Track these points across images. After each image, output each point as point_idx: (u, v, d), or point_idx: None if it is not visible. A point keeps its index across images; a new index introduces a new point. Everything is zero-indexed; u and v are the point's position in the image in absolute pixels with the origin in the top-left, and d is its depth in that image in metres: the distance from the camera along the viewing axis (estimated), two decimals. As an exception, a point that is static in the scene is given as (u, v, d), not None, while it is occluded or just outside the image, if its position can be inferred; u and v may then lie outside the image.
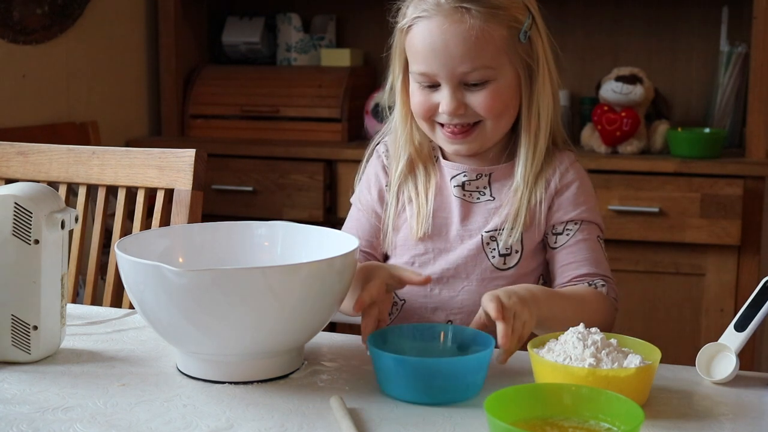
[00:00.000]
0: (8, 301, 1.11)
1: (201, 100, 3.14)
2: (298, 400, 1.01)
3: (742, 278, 2.60)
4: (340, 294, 1.08)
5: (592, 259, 1.33)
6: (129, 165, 1.61)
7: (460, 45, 1.25)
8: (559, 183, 1.34)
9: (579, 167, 1.37)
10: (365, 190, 1.42)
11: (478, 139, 1.32)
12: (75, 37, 2.84)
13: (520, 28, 1.28)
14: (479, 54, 1.25)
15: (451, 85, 1.27)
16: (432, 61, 1.27)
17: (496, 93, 1.28)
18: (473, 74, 1.26)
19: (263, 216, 2.76)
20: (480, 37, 1.24)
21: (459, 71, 1.26)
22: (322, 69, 3.13)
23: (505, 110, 1.30)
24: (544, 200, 1.33)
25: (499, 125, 1.31)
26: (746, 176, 2.56)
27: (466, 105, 1.28)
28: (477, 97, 1.28)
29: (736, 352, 1.07)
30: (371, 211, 1.41)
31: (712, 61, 2.97)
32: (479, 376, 1.02)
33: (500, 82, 1.28)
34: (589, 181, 1.38)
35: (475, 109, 1.29)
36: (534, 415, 0.89)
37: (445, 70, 1.26)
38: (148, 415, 0.97)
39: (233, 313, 1.00)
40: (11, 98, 2.61)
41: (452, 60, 1.26)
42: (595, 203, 1.38)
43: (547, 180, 1.33)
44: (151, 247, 1.15)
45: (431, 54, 1.27)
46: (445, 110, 1.29)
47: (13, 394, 1.02)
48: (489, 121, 1.30)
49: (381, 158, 1.42)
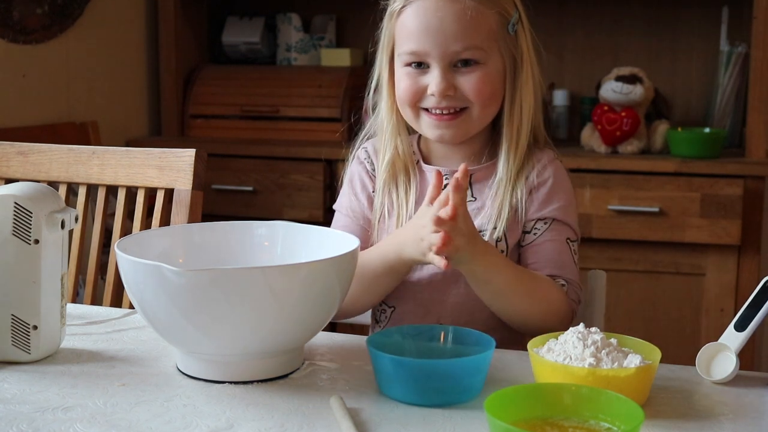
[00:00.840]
0: (8, 301, 1.11)
1: (201, 100, 3.14)
2: (298, 400, 1.01)
3: (742, 278, 2.60)
4: (340, 294, 1.08)
5: (555, 261, 1.31)
6: (129, 165, 1.61)
7: (456, 23, 1.27)
8: (535, 180, 1.32)
9: (558, 165, 1.35)
10: (353, 198, 1.41)
11: (463, 125, 1.31)
12: (75, 37, 2.84)
13: (509, 20, 1.30)
14: (473, 33, 1.27)
15: (441, 65, 1.28)
16: (425, 40, 1.28)
17: (486, 77, 1.29)
18: (465, 53, 1.28)
19: (263, 216, 2.76)
20: (474, 17, 1.27)
21: (452, 50, 1.27)
22: (322, 69, 3.13)
23: (492, 97, 1.31)
24: (524, 197, 1.32)
25: (484, 113, 1.31)
26: (746, 176, 2.56)
27: (456, 87, 1.29)
28: (467, 80, 1.29)
29: (736, 352, 1.07)
30: (363, 218, 1.39)
31: (712, 61, 2.97)
32: (478, 379, 1.02)
33: (489, 67, 1.29)
34: (568, 181, 1.36)
35: (464, 91, 1.29)
36: (534, 415, 0.89)
37: (439, 48, 1.27)
38: (148, 415, 0.96)
39: (233, 313, 1.00)
40: (11, 98, 2.61)
41: (446, 38, 1.27)
42: (570, 203, 1.34)
43: (526, 177, 1.32)
44: (151, 247, 1.15)
45: (425, 32, 1.28)
46: (434, 90, 1.28)
47: (13, 394, 1.02)
48: (476, 107, 1.30)
49: (364, 164, 1.42)
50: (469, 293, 1.29)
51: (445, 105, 1.29)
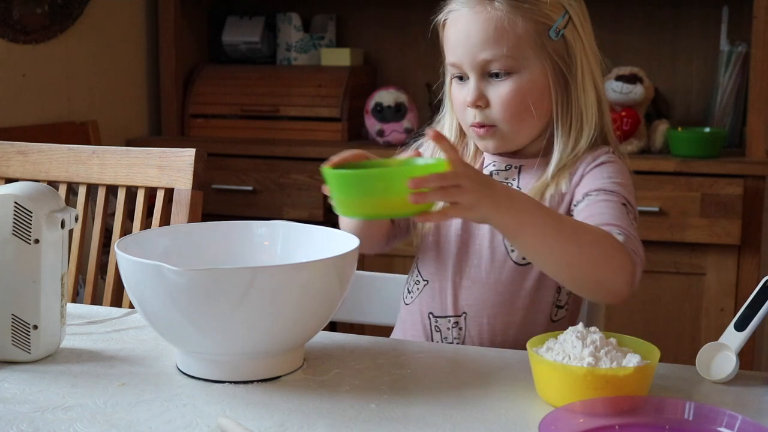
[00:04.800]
0: (8, 301, 1.11)
1: (201, 99, 3.14)
2: (298, 400, 1.01)
3: (742, 278, 2.60)
4: (340, 294, 1.08)
5: (609, 215, 1.20)
6: (129, 164, 1.62)
7: (480, 33, 1.27)
8: (587, 168, 1.29)
9: (615, 157, 1.30)
10: None
11: (498, 139, 1.31)
12: (75, 36, 2.84)
13: (550, 25, 1.28)
14: (498, 42, 1.26)
15: (474, 74, 1.29)
16: (457, 50, 1.29)
17: (518, 87, 1.27)
18: (494, 63, 1.27)
19: (263, 216, 2.76)
20: (500, 27, 1.26)
21: (480, 59, 1.27)
22: (322, 69, 3.12)
23: (525, 108, 1.28)
24: (568, 192, 1.28)
25: (517, 127, 1.29)
26: (746, 176, 2.56)
27: (488, 99, 1.29)
28: (498, 89, 1.28)
29: (736, 351, 1.07)
30: None
31: (712, 61, 2.97)
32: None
33: (524, 76, 1.28)
34: (627, 171, 1.30)
35: (493, 101, 1.28)
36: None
37: (468, 58, 1.28)
38: (148, 414, 0.97)
39: (233, 313, 1.00)
40: (11, 98, 2.61)
41: (473, 48, 1.28)
42: (628, 185, 1.27)
43: (573, 172, 1.29)
44: (151, 247, 1.15)
45: (457, 43, 1.30)
46: (467, 100, 1.29)
47: (13, 394, 1.02)
48: (503, 123, 1.29)
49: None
50: (496, 286, 1.29)
51: (477, 121, 1.30)
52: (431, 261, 1.36)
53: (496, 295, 1.31)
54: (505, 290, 1.31)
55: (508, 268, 1.31)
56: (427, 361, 1.15)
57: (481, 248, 1.32)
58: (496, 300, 1.31)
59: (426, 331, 1.36)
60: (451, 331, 1.34)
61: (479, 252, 1.32)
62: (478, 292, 1.32)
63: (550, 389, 1.00)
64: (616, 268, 1.14)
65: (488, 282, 1.31)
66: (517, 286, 1.30)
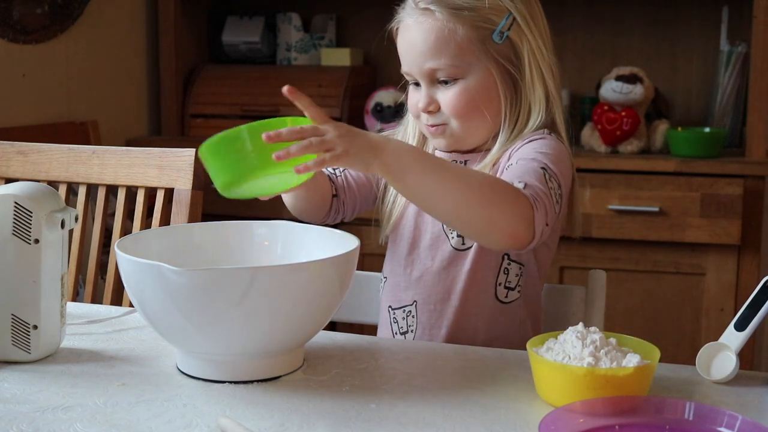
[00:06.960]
0: (8, 301, 1.11)
1: (201, 99, 3.14)
2: (298, 400, 1.01)
3: (742, 278, 2.60)
4: (340, 294, 1.08)
5: (517, 174, 1.18)
6: (129, 165, 1.62)
7: (423, 43, 1.30)
8: (516, 148, 1.29)
9: (550, 136, 1.29)
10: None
11: (449, 137, 1.34)
12: (75, 36, 2.84)
13: (493, 29, 1.29)
14: (440, 51, 1.29)
15: (424, 81, 1.33)
16: (407, 60, 1.34)
17: (464, 91, 1.30)
18: (440, 71, 1.30)
19: (263, 216, 2.76)
20: (440, 36, 1.29)
21: (426, 67, 1.31)
22: (322, 68, 3.13)
23: (474, 110, 1.31)
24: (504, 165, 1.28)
25: (468, 125, 1.33)
26: (746, 176, 2.56)
27: (438, 103, 1.32)
28: (445, 95, 1.32)
29: (736, 351, 1.07)
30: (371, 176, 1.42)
31: (712, 61, 2.97)
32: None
33: (470, 81, 1.30)
34: (561, 147, 1.28)
35: (443, 106, 1.32)
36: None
37: (416, 67, 1.32)
38: (148, 414, 0.97)
39: (233, 313, 1.00)
40: (11, 98, 2.61)
41: (417, 57, 1.31)
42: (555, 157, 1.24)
43: (506, 157, 1.30)
44: (151, 247, 1.15)
45: (405, 53, 1.34)
46: (419, 106, 1.33)
47: (13, 394, 1.02)
48: (454, 121, 1.32)
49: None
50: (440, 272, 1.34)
51: (430, 122, 1.34)
52: (389, 259, 1.42)
53: (440, 281, 1.36)
54: (447, 275, 1.35)
55: (447, 253, 1.35)
56: (427, 361, 1.15)
57: (427, 239, 1.37)
58: (439, 285, 1.36)
59: (387, 325, 1.41)
60: (406, 320, 1.39)
61: (426, 243, 1.37)
62: (425, 280, 1.37)
63: (550, 389, 1.00)
64: (510, 206, 1.11)
65: (432, 269, 1.36)
66: (456, 269, 1.34)
